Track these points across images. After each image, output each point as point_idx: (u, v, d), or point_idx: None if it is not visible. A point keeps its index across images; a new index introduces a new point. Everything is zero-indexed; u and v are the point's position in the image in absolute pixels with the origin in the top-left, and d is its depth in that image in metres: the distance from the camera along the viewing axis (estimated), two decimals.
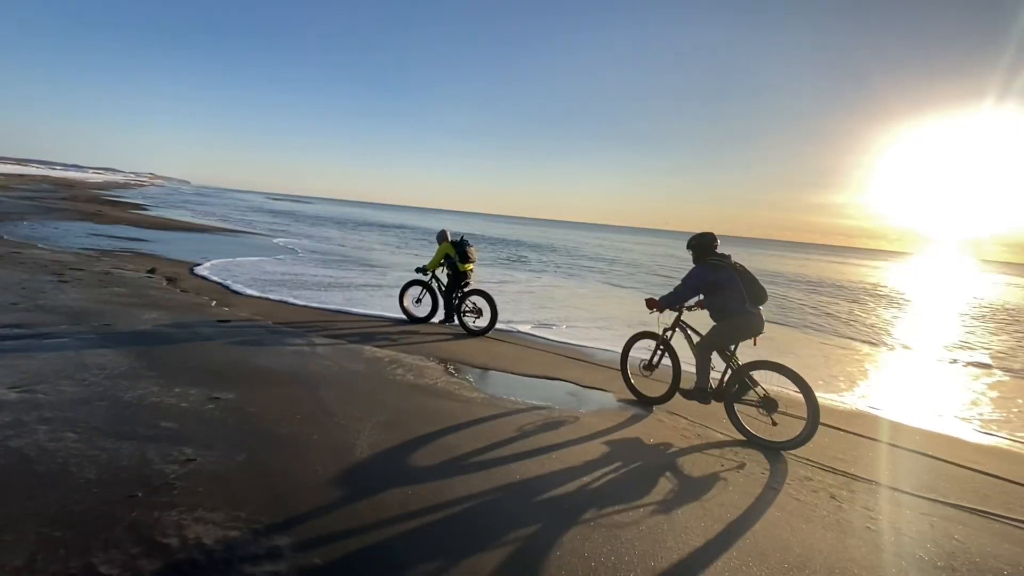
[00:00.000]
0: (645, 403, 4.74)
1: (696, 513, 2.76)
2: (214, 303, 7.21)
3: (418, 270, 7.28)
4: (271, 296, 8.17)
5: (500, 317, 8.58)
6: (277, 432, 3.11)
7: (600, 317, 9.82)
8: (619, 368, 5.04)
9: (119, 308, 6.08)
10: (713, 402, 4.33)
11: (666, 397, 4.67)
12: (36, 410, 3.00)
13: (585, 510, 2.64)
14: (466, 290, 7.06)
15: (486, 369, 5.36)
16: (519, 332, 7.48)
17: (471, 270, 7.11)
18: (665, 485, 3.09)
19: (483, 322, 6.90)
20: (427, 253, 20.52)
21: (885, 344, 10.17)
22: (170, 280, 8.55)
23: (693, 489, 3.08)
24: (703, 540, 2.49)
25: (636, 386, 4.87)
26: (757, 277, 4.18)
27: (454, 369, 5.19)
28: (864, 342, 10.16)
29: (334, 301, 8.43)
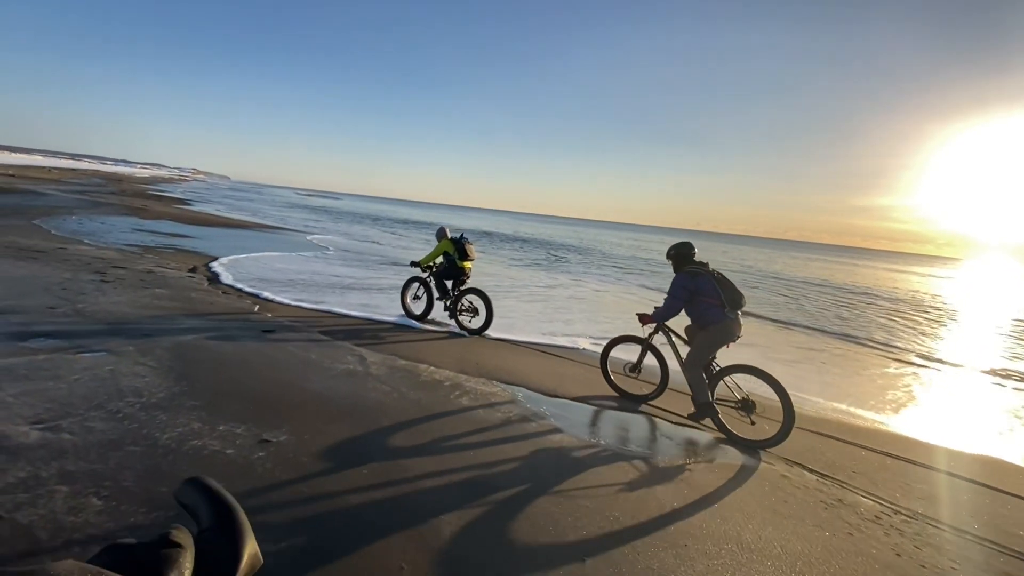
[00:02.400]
0: (633, 401, 4.78)
1: None
2: (256, 308, 6.77)
3: (413, 264, 7.12)
4: (312, 300, 7.69)
5: (559, 329, 7.91)
6: (343, 501, 2.49)
7: None
8: (600, 368, 5.09)
9: (160, 314, 5.66)
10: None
11: (655, 394, 4.80)
12: (58, 459, 2.47)
13: None
14: (463, 288, 6.86)
15: (556, 396, 4.67)
16: (584, 349, 6.75)
17: (470, 268, 6.93)
18: None
19: (479, 321, 6.67)
20: (478, 252, 19.98)
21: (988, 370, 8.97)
22: (211, 280, 8.20)
23: None
24: None
25: (622, 386, 4.93)
26: (735, 283, 4.29)
27: (523, 396, 4.52)
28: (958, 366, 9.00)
29: (378, 306, 7.88)
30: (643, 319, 4.61)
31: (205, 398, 3.48)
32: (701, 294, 4.19)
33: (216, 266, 9.47)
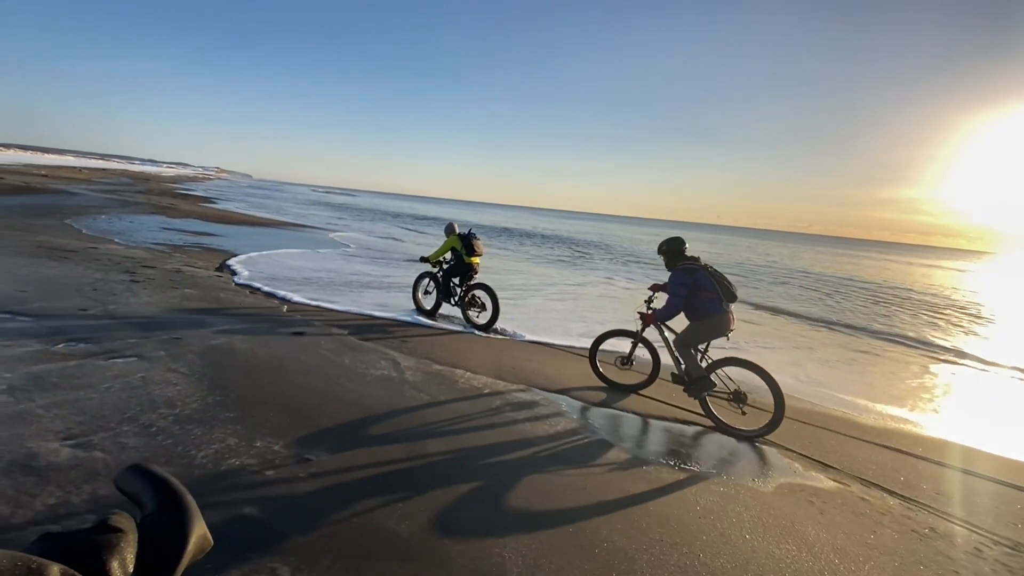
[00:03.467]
0: (623, 390, 4.81)
1: None
2: (285, 308, 6.64)
3: (423, 260, 7.28)
4: (338, 299, 7.53)
5: (595, 331, 7.70)
6: (395, 532, 2.25)
7: None
8: (589, 360, 5.12)
9: (190, 316, 5.54)
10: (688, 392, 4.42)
11: (647, 383, 4.84)
12: (90, 481, 2.30)
13: None
14: (471, 283, 6.96)
15: (602, 407, 4.39)
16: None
17: (477, 263, 7.01)
18: None
19: (486, 316, 6.78)
20: (500, 249, 19.81)
21: None
22: (237, 279, 8.12)
23: None
24: None
25: (612, 377, 4.95)
26: (727, 275, 4.35)
27: (567, 407, 4.26)
28: None
29: (400, 305, 7.67)
30: (645, 319, 4.63)
31: (240, 409, 3.30)
32: (700, 289, 4.23)
33: (242, 265, 9.40)
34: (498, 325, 6.92)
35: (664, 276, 4.67)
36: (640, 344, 4.89)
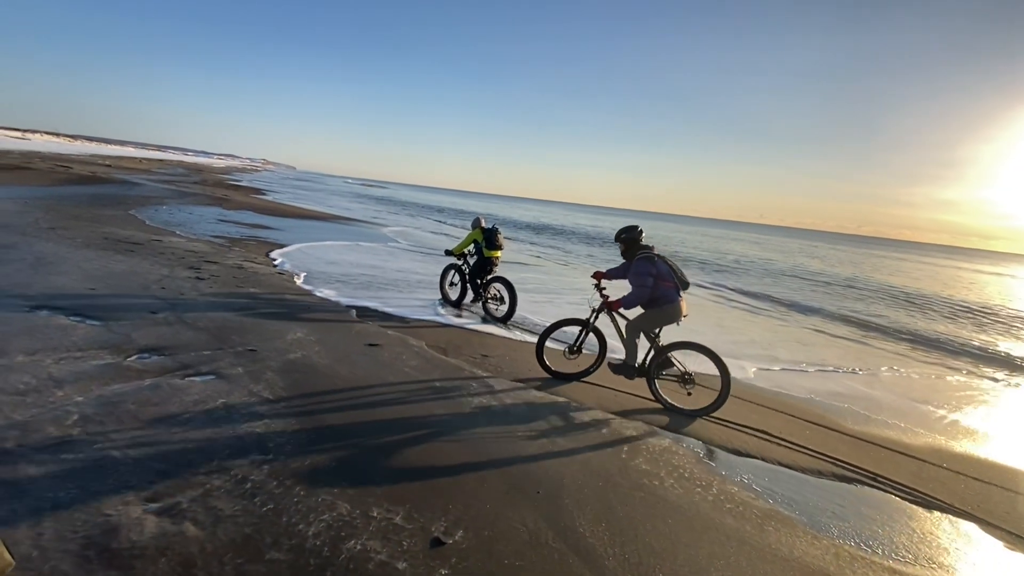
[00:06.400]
0: (565, 380, 4.68)
1: None
2: (354, 312, 6.18)
3: (447, 252, 7.45)
4: (402, 303, 7.01)
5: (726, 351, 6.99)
6: None
7: (814, 347, 7.63)
8: (536, 351, 4.87)
9: (260, 321, 5.11)
10: (637, 378, 4.51)
11: (589, 371, 4.78)
12: (184, 568, 1.75)
13: None
14: (490, 277, 7.08)
15: (753, 457, 3.64)
16: (755, 384, 5.64)
17: (498, 257, 7.12)
18: None
19: (504, 309, 6.87)
20: (549, 247, 19.17)
21: None
22: (300, 277, 7.75)
23: None
24: None
25: (559, 368, 4.79)
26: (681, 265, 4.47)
27: (706, 456, 3.53)
28: None
29: (466, 306, 7.17)
30: (613, 306, 4.55)
31: (341, 455, 2.74)
32: (661, 279, 4.33)
33: (301, 263, 9.07)
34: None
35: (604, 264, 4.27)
36: (588, 333, 4.76)
